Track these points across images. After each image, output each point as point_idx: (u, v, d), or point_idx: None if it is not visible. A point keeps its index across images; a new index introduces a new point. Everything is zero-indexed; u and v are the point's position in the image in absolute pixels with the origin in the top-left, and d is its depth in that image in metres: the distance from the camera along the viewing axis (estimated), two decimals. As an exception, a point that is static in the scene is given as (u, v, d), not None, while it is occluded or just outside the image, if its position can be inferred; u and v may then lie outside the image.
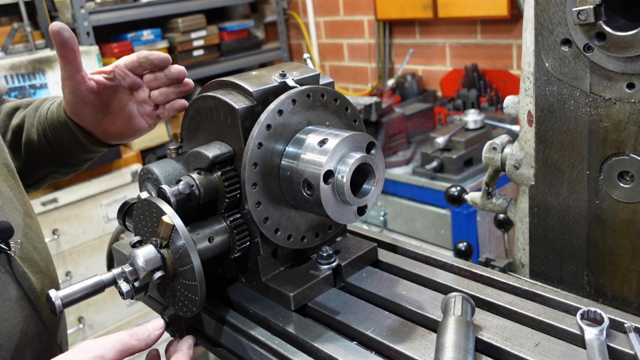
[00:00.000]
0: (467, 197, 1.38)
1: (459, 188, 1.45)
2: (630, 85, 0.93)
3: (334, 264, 1.05)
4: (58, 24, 1.04)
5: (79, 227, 3.16)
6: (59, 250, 3.09)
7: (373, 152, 0.93)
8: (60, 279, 2.81)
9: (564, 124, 1.03)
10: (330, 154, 0.88)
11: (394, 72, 4.08)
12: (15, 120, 1.28)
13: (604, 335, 0.83)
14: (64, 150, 1.25)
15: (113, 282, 0.88)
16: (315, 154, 0.91)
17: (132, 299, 0.92)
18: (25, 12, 3.60)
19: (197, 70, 4.02)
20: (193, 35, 4.07)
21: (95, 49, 3.16)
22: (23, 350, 1.02)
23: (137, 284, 0.89)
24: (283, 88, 0.99)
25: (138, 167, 3.37)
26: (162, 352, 0.97)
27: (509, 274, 1.18)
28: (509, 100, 1.20)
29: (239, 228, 0.98)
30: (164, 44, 3.98)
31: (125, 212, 1.14)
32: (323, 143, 0.91)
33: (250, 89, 0.96)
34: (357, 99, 3.19)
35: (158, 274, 0.89)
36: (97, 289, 0.87)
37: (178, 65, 1.16)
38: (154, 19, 3.96)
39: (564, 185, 1.07)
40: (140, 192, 1.04)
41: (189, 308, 0.91)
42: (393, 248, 1.17)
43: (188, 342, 0.93)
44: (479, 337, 0.87)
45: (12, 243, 1.01)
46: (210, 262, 1.02)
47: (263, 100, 0.97)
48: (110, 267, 1.35)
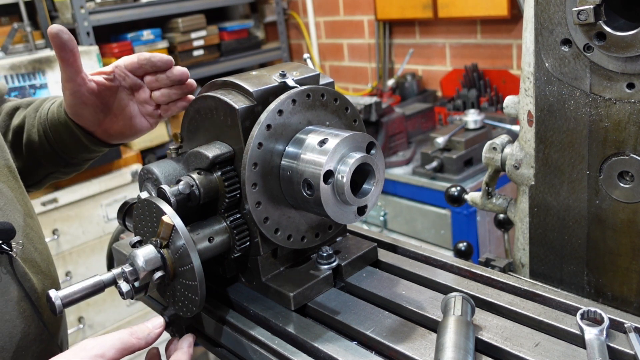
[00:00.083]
0: (467, 197, 1.38)
1: (459, 188, 1.45)
2: (630, 85, 0.93)
3: (334, 264, 1.05)
4: (57, 27, 1.03)
5: (79, 227, 3.16)
6: (59, 250, 3.09)
7: (373, 152, 0.93)
8: (60, 279, 2.81)
9: (564, 124, 1.03)
10: (330, 154, 0.88)
11: (394, 72, 4.08)
12: (16, 121, 1.28)
13: (604, 335, 0.83)
14: (65, 151, 1.25)
15: (113, 282, 0.88)
16: (315, 154, 0.91)
17: (132, 299, 0.92)
18: (25, 12, 3.60)
19: (197, 70, 4.02)
20: (193, 35, 4.07)
21: (95, 49, 3.16)
22: (24, 351, 1.02)
23: (137, 284, 0.89)
24: (283, 88, 0.99)
25: (138, 167, 3.36)
26: (162, 351, 0.98)
27: (509, 274, 1.18)
28: (509, 100, 1.20)
29: (239, 228, 0.98)
30: (164, 44, 3.97)
31: (125, 212, 1.14)
32: (323, 143, 0.91)
33: (250, 89, 0.96)
34: (357, 99, 3.19)
35: (158, 274, 0.89)
36: (97, 289, 0.87)
37: (181, 67, 1.15)
38: (154, 19, 3.96)
39: (564, 185, 1.07)
40: (140, 192, 1.04)
41: (189, 308, 0.91)
42: (393, 248, 1.17)
43: (188, 340, 0.93)
44: (479, 337, 0.87)
45: (13, 244, 1.01)
46: (210, 262, 1.02)
47: (263, 100, 0.97)
48: (110, 267, 1.35)
